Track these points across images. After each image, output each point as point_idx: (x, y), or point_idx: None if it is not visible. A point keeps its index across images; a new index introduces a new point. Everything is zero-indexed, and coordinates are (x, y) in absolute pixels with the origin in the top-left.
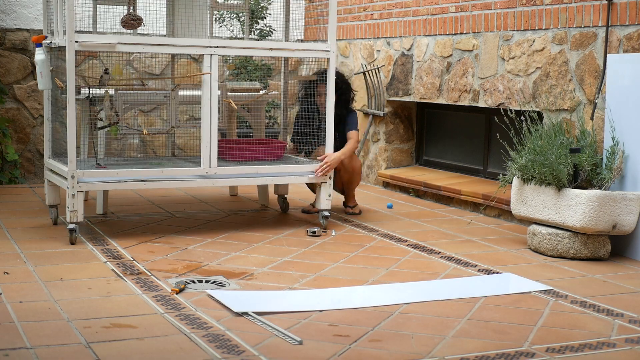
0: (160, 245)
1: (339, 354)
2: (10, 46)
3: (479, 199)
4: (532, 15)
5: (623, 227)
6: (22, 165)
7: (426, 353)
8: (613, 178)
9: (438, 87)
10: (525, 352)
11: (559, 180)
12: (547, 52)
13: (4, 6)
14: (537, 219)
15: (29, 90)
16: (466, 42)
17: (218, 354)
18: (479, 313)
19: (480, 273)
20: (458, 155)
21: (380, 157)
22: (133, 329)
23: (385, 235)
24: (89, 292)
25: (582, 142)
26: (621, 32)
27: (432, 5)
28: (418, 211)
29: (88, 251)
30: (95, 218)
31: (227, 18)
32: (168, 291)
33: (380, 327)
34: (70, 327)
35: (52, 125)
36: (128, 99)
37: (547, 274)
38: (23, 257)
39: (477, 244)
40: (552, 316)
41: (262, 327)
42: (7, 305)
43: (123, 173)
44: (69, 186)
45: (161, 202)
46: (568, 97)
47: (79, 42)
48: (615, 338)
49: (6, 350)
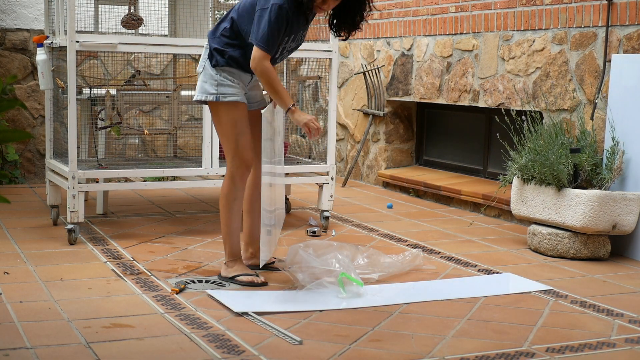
0: (160, 245)
1: (339, 354)
2: (10, 46)
3: (479, 199)
4: (532, 15)
5: (623, 227)
6: (22, 165)
7: (426, 353)
8: (613, 178)
9: (438, 87)
10: (525, 352)
11: (559, 180)
12: (547, 52)
13: (4, 6)
14: (537, 219)
15: (29, 90)
16: (466, 42)
17: (218, 354)
18: (479, 313)
19: (480, 273)
20: (458, 155)
21: (380, 157)
22: (133, 329)
23: (385, 235)
24: (89, 292)
25: (582, 142)
26: (621, 32)
27: (432, 5)
28: (418, 211)
29: (88, 251)
30: (95, 218)
31: None
32: (168, 291)
33: (380, 327)
34: (70, 327)
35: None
36: (129, 99)
37: (547, 274)
38: (23, 257)
39: (477, 244)
40: (552, 316)
41: (262, 327)
42: (7, 305)
43: (124, 173)
44: (70, 186)
45: (161, 202)
46: (568, 97)
47: (80, 42)
48: (615, 338)
49: (6, 350)
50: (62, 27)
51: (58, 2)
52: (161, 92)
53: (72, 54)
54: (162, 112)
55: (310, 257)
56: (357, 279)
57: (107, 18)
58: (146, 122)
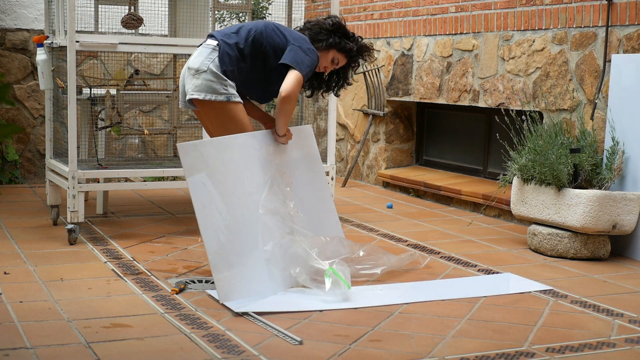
0: (160, 245)
1: (339, 354)
2: (10, 46)
3: (479, 199)
4: (532, 15)
5: (623, 227)
6: (22, 165)
7: (426, 353)
8: (613, 178)
9: (438, 87)
10: (525, 352)
11: (559, 180)
12: (547, 52)
13: (4, 6)
14: (537, 219)
15: (29, 90)
16: (466, 42)
17: (218, 354)
18: (479, 313)
19: (480, 273)
20: (458, 155)
21: (380, 157)
22: (133, 329)
23: (385, 235)
24: (89, 292)
25: (582, 142)
26: (621, 32)
27: (432, 5)
28: (418, 211)
29: (88, 251)
30: (95, 218)
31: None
32: (168, 291)
33: (380, 327)
34: (70, 327)
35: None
36: (129, 99)
37: (547, 274)
38: (23, 257)
39: (477, 244)
40: (552, 316)
41: (262, 327)
42: (7, 305)
43: (124, 173)
44: (70, 186)
45: (161, 202)
46: (568, 97)
47: (80, 42)
48: (615, 338)
49: (6, 350)
50: (62, 27)
51: (58, 2)
52: (161, 92)
53: (72, 54)
54: (162, 112)
55: (310, 255)
56: (345, 280)
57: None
58: (146, 122)
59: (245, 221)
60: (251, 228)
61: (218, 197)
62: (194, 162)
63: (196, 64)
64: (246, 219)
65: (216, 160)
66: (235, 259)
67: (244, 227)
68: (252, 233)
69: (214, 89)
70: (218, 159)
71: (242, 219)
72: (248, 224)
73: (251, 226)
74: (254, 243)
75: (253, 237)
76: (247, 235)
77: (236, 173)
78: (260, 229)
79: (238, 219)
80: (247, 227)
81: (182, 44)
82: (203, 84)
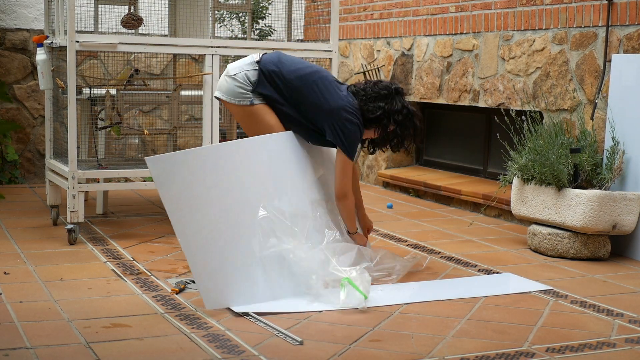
0: (160, 245)
1: (339, 354)
2: (10, 46)
3: (479, 199)
4: (532, 15)
5: (623, 227)
6: (22, 165)
7: (426, 353)
8: (613, 178)
9: (438, 87)
10: (525, 352)
11: (559, 180)
12: (547, 52)
13: (4, 6)
14: (537, 219)
15: (29, 90)
16: (466, 42)
17: (218, 354)
18: (479, 313)
19: (480, 273)
20: (458, 155)
21: (380, 157)
22: (133, 329)
23: (385, 235)
24: (89, 292)
25: (582, 142)
26: (621, 32)
27: (432, 5)
28: (418, 211)
29: (88, 251)
30: (95, 218)
31: (227, 18)
32: (168, 291)
33: (380, 327)
34: (70, 327)
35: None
36: (129, 99)
37: (547, 274)
38: (23, 257)
39: (477, 244)
40: (552, 316)
41: (263, 327)
42: (7, 305)
43: (124, 173)
44: (70, 186)
45: (161, 202)
46: (568, 97)
47: (79, 42)
48: (615, 338)
49: (6, 350)
50: (62, 27)
51: (58, 2)
52: (161, 92)
53: (72, 54)
54: (162, 112)
55: (329, 262)
56: (362, 291)
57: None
58: (146, 122)
59: (230, 229)
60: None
61: (193, 209)
62: (163, 174)
63: (238, 71)
64: (231, 226)
65: (188, 173)
66: (216, 266)
67: (228, 234)
68: (237, 240)
69: (239, 94)
70: (188, 171)
71: (225, 227)
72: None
73: (237, 234)
74: (241, 250)
75: (239, 244)
76: (231, 243)
77: (215, 183)
78: (257, 236)
79: (220, 228)
80: (231, 235)
81: (182, 44)
82: (230, 89)
